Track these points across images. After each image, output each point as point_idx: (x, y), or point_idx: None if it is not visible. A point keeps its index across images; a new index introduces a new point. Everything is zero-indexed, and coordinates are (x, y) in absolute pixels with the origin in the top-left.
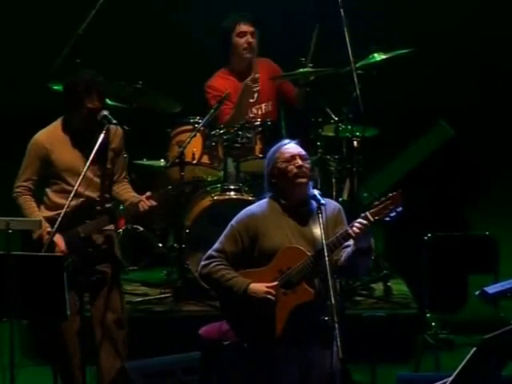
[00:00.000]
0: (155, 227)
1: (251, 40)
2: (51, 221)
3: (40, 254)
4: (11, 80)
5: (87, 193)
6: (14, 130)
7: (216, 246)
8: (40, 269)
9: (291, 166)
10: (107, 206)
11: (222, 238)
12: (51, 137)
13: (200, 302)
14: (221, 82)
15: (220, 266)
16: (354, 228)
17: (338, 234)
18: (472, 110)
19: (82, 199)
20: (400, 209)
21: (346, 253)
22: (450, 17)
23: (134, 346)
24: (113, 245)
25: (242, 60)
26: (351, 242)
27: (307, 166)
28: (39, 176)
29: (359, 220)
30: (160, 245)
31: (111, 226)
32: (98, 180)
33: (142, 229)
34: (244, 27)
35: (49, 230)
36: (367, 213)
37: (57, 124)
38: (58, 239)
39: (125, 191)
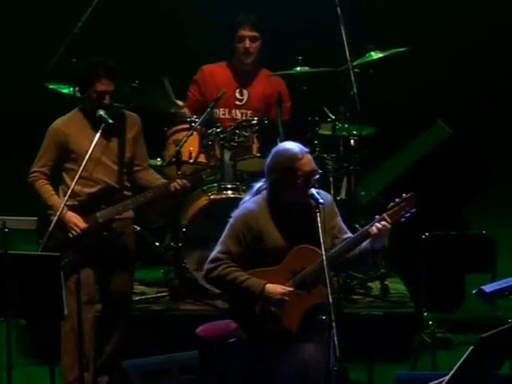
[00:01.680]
0: (152, 226)
1: (248, 46)
2: (69, 207)
3: (37, 253)
4: (7, 79)
5: (105, 179)
6: (11, 129)
7: (220, 247)
8: (37, 268)
9: (307, 182)
10: (126, 193)
11: (224, 239)
12: (69, 123)
13: (197, 301)
14: (215, 69)
15: (230, 268)
16: (374, 228)
17: (358, 233)
18: (470, 109)
19: (100, 186)
20: (414, 209)
21: (361, 248)
22: (448, 15)
23: (131, 344)
24: (128, 233)
25: (241, 63)
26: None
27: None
28: (56, 162)
29: (382, 222)
30: (157, 244)
31: (130, 214)
32: (116, 167)
33: (138, 228)
34: (243, 32)
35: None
36: (384, 215)
37: (75, 112)
38: (73, 217)
39: (154, 178)
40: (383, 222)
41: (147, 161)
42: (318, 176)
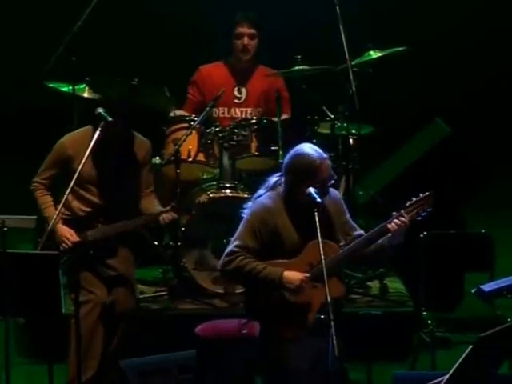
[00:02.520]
0: (151, 225)
1: (246, 43)
2: (65, 220)
3: (35, 252)
4: (7, 77)
5: (103, 202)
6: (11, 127)
7: (236, 242)
8: (35, 267)
9: (322, 187)
10: (123, 215)
11: (240, 233)
12: (77, 144)
13: (196, 300)
14: (212, 69)
15: (247, 260)
16: (393, 224)
17: (376, 230)
18: (469, 109)
19: (96, 206)
20: (430, 209)
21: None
22: (448, 14)
23: (129, 344)
24: (125, 241)
25: (239, 61)
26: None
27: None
28: (57, 177)
29: (401, 218)
30: (156, 243)
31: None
32: (116, 190)
33: None
34: (241, 29)
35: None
36: (402, 212)
37: (85, 131)
38: (65, 231)
39: (151, 205)
40: (402, 219)
41: (151, 187)
42: (333, 181)
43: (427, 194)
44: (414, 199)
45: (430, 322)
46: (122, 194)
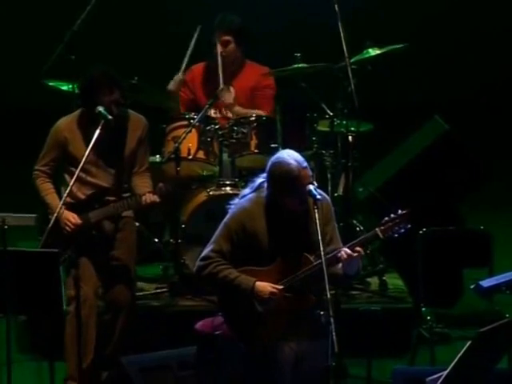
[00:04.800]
0: (151, 222)
1: (220, 50)
2: (66, 205)
3: (36, 250)
4: (6, 76)
5: (102, 183)
6: (11, 125)
7: (212, 246)
8: (36, 264)
9: (305, 190)
10: (124, 195)
11: (216, 237)
12: (72, 126)
13: (196, 296)
14: (202, 69)
15: (221, 267)
16: (343, 253)
17: (327, 257)
18: (467, 106)
19: (96, 188)
20: (409, 226)
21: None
22: (446, 11)
23: (130, 340)
24: (129, 228)
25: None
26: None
27: None
28: (57, 161)
29: (356, 248)
30: (156, 240)
31: (129, 212)
32: (113, 170)
33: (137, 224)
34: (218, 36)
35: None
36: (377, 229)
37: (78, 114)
38: (68, 214)
39: (142, 185)
40: (357, 248)
41: (146, 165)
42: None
43: (404, 211)
44: (391, 216)
45: (429, 317)
46: (120, 175)
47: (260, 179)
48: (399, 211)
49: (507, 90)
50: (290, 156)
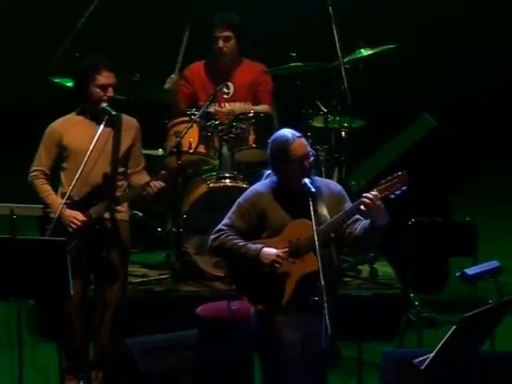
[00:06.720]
0: (154, 211)
1: (221, 45)
2: (67, 204)
3: (44, 238)
4: (11, 73)
5: (99, 181)
6: (15, 122)
7: (224, 221)
8: (44, 252)
9: (301, 165)
10: (118, 194)
11: (229, 214)
12: (65, 123)
13: (197, 282)
14: (201, 66)
15: (230, 237)
16: (364, 199)
17: (350, 207)
18: (467, 106)
19: (93, 187)
20: (405, 188)
21: (361, 225)
22: (437, 10)
23: (134, 323)
24: (123, 231)
25: (221, 61)
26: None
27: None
28: (53, 161)
29: (372, 192)
30: (159, 229)
31: (123, 216)
32: (110, 169)
33: (141, 214)
34: (216, 33)
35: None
36: (375, 189)
37: (72, 114)
38: (72, 212)
39: (142, 180)
40: (373, 193)
41: (142, 165)
42: (312, 158)
43: (401, 172)
44: (388, 178)
45: (416, 303)
46: (115, 172)
47: (267, 171)
48: (397, 173)
49: (507, 90)
50: (283, 130)
